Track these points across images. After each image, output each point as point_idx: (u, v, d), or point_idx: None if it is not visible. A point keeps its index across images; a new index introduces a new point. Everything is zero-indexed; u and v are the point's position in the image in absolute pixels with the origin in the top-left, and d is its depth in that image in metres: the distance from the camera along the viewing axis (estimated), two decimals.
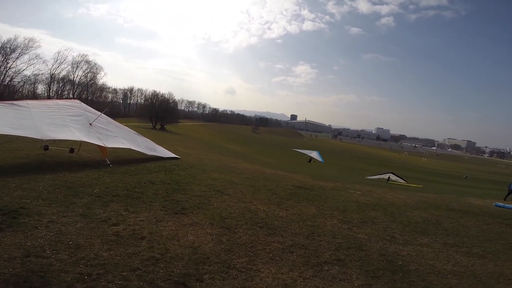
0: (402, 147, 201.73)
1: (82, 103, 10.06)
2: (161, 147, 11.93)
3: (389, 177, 28.32)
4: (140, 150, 10.06)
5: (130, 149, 9.76)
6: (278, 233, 5.01)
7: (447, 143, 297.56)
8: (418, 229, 5.96)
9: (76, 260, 3.29)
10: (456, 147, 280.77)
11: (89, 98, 53.43)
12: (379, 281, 3.72)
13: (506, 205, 9.93)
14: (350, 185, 11.08)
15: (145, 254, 3.64)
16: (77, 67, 52.46)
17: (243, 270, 3.68)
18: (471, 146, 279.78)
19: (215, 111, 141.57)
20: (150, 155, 10.30)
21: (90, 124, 8.99)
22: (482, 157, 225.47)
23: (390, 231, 5.72)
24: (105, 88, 64.99)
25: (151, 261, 3.51)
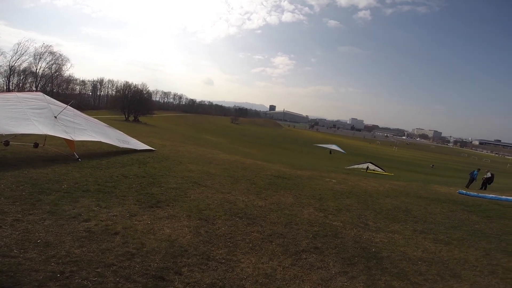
0: (374, 137, 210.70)
1: (46, 95, 9.33)
2: (134, 139, 11.46)
3: (367, 167, 29.62)
4: (111, 143, 9.59)
5: (100, 142, 9.26)
6: (257, 222, 5.03)
7: (415, 132, 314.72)
8: (389, 216, 6.23)
9: (47, 258, 3.14)
10: (424, 136, 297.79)
11: (54, 90, 50.14)
12: (354, 268, 3.86)
13: (468, 192, 10.58)
14: (326, 173, 11.39)
15: (120, 250, 3.53)
16: (40, 58, 48.78)
17: (223, 261, 3.66)
18: (437, 135, 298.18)
19: (192, 102, 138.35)
20: (122, 147, 9.87)
21: (55, 117, 8.38)
22: (447, 146, 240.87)
23: (364, 218, 5.93)
24: (72, 80, 61.30)
25: (126, 256, 3.41)
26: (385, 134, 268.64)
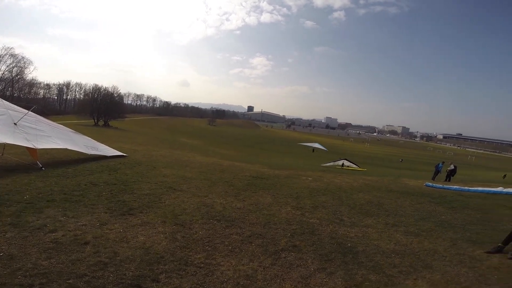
0: (348, 134, 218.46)
1: (4, 100, 8.62)
2: (103, 145, 10.90)
3: (343, 163, 30.73)
4: (78, 150, 9.05)
5: (66, 149, 8.72)
6: (236, 224, 4.99)
7: (386, 129, 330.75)
8: (362, 211, 6.42)
9: (12, 272, 2.97)
10: (393, 132, 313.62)
11: (15, 95, 46.90)
12: (332, 264, 3.93)
13: (434, 184, 11.14)
14: (302, 172, 11.57)
15: (91, 260, 3.40)
16: (0, 61, 45.52)
17: (202, 265, 3.60)
18: (405, 131, 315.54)
19: (167, 104, 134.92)
20: (91, 154, 9.36)
21: (15, 123, 7.75)
22: (414, 141, 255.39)
23: (339, 214, 6.08)
24: (36, 83, 57.67)
25: (99, 266, 3.29)
26: (358, 132, 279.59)
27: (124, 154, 10.67)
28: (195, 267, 3.54)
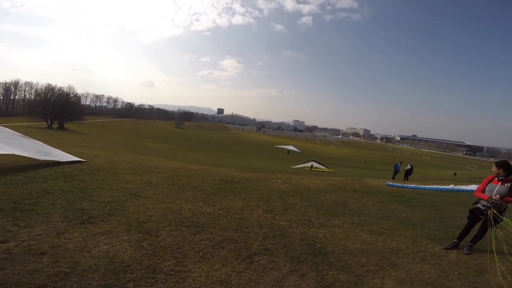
0: (315, 137, 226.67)
1: None
2: (58, 150, 9.99)
3: (312, 165, 31.69)
4: (28, 156, 8.16)
5: (14, 155, 7.82)
6: (206, 230, 4.83)
7: (349, 131, 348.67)
8: (329, 211, 6.57)
9: None
10: (356, 134, 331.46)
11: None
12: (303, 265, 3.95)
13: (394, 184, 11.75)
14: (272, 174, 11.65)
15: (51, 270, 3.16)
16: None
17: (172, 273, 3.45)
18: (367, 133, 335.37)
19: (130, 105, 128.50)
20: (43, 160, 8.50)
21: None
22: (375, 142, 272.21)
23: (308, 215, 6.16)
24: None
25: (59, 276, 3.06)
26: (324, 134, 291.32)
27: (82, 160, 9.86)
28: (165, 275, 3.39)
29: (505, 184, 4.39)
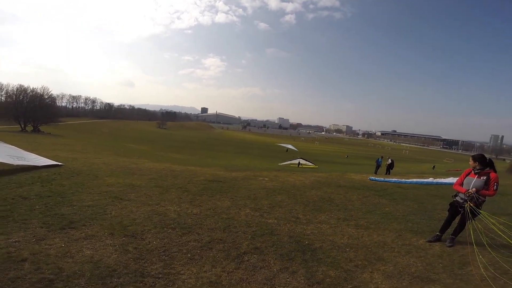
0: (299, 134, 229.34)
1: None
2: (33, 154, 9.47)
3: (299, 162, 32.03)
4: (1, 161, 7.69)
5: None
6: (193, 231, 4.73)
7: (332, 128, 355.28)
8: (316, 208, 6.62)
9: None
10: (339, 131, 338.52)
11: None
12: (293, 263, 3.95)
13: (377, 178, 12.02)
14: (259, 172, 11.63)
15: (34, 277, 3.03)
16: None
17: (160, 276, 3.36)
18: (349, 129, 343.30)
19: (109, 106, 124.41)
20: (17, 165, 8.03)
21: None
22: (357, 138, 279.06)
23: (295, 212, 6.19)
24: None
25: (43, 283, 2.95)
26: (308, 131, 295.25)
27: (60, 163, 9.40)
28: (153, 278, 3.30)
29: (481, 178, 4.53)
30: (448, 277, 3.78)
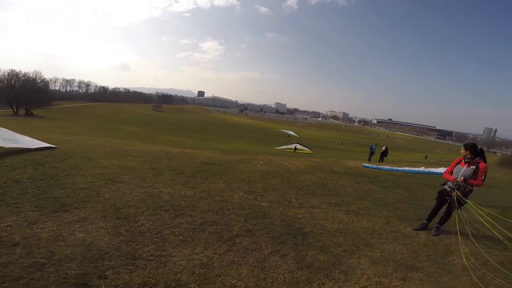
0: (296, 119, 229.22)
1: None
2: (26, 136, 9.33)
3: (295, 147, 32.19)
4: None
5: None
6: (186, 213, 4.78)
7: (329, 114, 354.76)
8: (308, 192, 6.70)
9: None
10: (335, 117, 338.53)
11: None
12: (284, 246, 4.03)
13: (370, 165, 12.15)
14: (254, 156, 11.67)
15: (25, 261, 3.05)
16: None
17: (152, 258, 3.40)
18: (345, 116, 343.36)
19: (104, 89, 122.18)
20: (9, 148, 7.92)
21: None
22: (353, 125, 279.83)
23: (288, 196, 6.26)
24: None
25: (35, 267, 2.97)
26: (305, 117, 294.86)
27: (53, 146, 9.30)
28: (145, 260, 3.34)
29: (470, 167, 4.49)
30: (431, 265, 3.87)
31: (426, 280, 3.49)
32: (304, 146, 34.05)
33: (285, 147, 33.15)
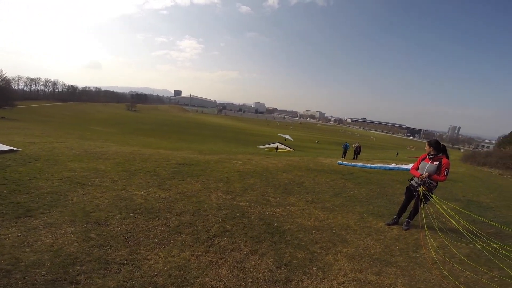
0: (274, 118, 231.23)
1: None
2: None
3: (277, 146, 32.47)
4: None
5: None
6: (161, 215, 4.64)
7: (306, 113, 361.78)
8: (286, 190, 6.77)
9: None
10: (312, 116, 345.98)
11: None
12: (263, 245, 4.04)
13: (344, 162, 12.45)
14: (233, 156, 11.59)
15: None
16: None
17: (125, 262, 3.28)
18: (322, 115, 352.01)
19: (73, 88, 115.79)
20: None
21: None
22: (329, 124, 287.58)
23: (266, 195, 6.28)
24: None
25: (0, 274, 2.81)
26: (283, 116, 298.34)
27: (15, 149, 8.61)
28: (118, 264, 3.22)
29: (434, 163, 4.69)
30: (404, 259, 4.03)
31: (400, 274, 3.62)
32: (285, 145, 34.55)
33: (266, 146, 33.43)
